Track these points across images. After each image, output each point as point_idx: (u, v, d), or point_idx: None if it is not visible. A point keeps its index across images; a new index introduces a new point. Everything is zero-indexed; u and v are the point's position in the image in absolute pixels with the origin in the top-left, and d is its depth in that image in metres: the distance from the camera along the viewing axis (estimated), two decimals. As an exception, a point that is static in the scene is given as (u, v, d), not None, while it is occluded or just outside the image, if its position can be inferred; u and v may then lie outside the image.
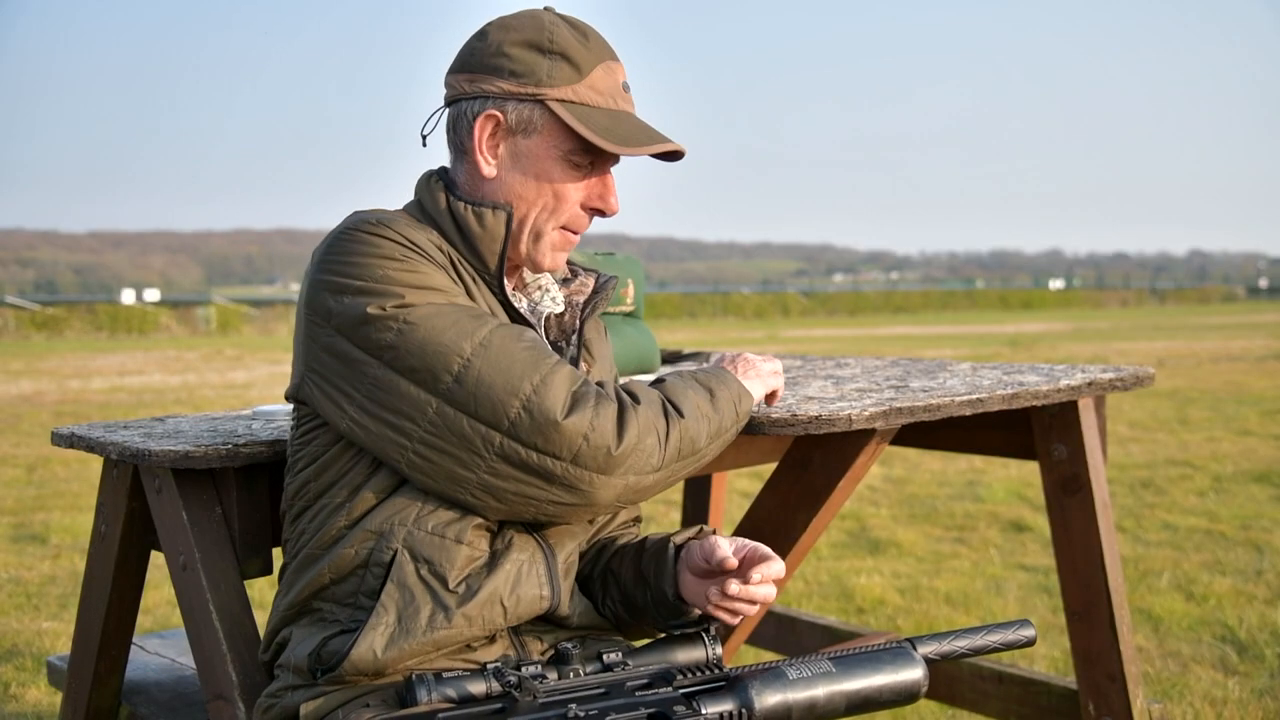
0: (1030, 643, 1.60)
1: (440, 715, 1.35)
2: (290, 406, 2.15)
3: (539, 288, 1.69)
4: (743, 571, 1.48)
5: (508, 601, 1.50)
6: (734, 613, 1.51)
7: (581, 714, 1.34)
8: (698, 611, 1.57)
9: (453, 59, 1.61)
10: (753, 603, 1.48)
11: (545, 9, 1.59)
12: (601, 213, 1.62)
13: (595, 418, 1.44)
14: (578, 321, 1.69)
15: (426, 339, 1.44)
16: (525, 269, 1.68)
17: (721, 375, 1.63)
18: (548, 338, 1.67)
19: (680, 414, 1.52)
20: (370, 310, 1.45)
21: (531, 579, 1.52)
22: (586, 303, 1.70)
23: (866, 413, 1.89)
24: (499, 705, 1.37)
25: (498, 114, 1.54)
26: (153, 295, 60.37)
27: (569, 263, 1.76)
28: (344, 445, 1.53)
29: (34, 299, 49.34)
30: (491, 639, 1.53)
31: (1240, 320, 33.58)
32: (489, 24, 1.58)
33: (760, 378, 1.70)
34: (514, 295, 1.64)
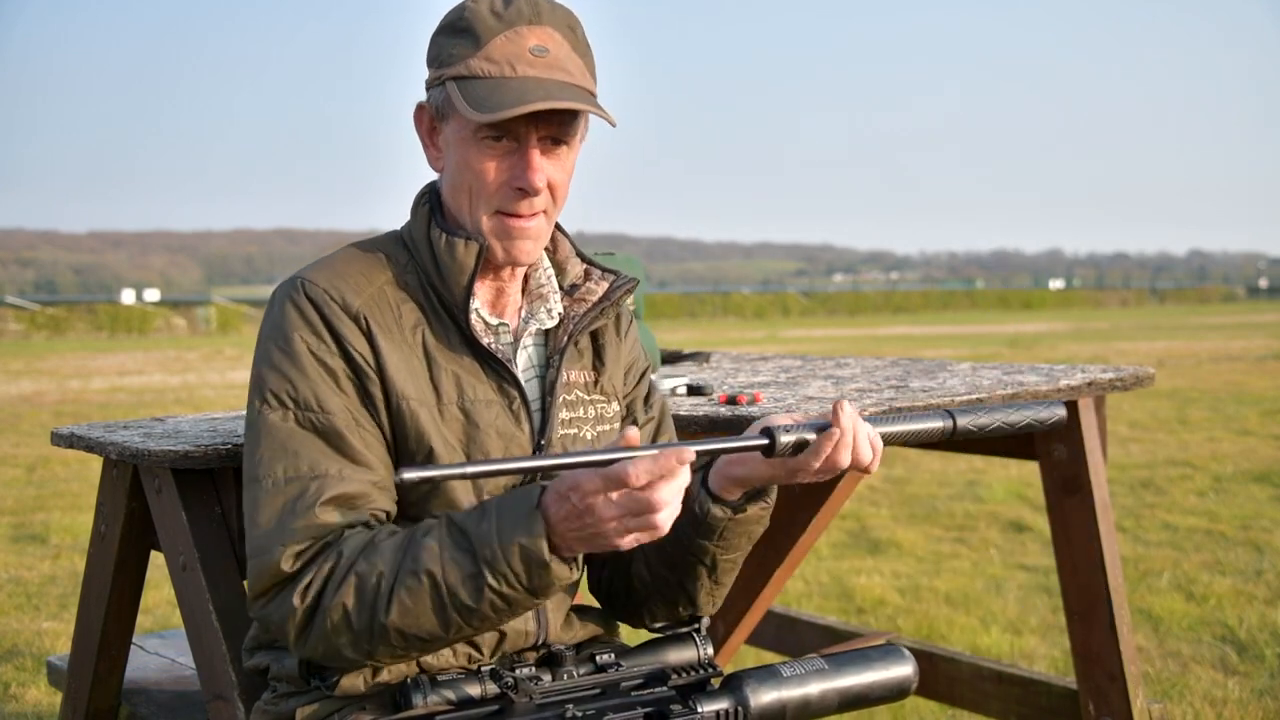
0: (1062, 422, 1.56)
1: (437, 718, 1.35)
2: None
3: (539, 297, 1.56)
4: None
5: (490, 636, 1.47)
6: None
7: (579, 714, 1.34)
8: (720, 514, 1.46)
9: None
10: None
11: None
12: (525, 191, 1.44)
13: (282, 609, 1.36)
14: (565, 338, 1.54)
15: (258, 444, 1.41)
16: (529, 275, 1.57)
17: (507, 548, 1.28)
18: (544, 353, 1.56)
19: (387, 610, 1.31)
20: (266, 384, 1.42)
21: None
22: (586, 313, 1.56)
23: (866, 413, 1.89)
24: (495, 707, 1.36)
25: (425, 105, 1.49)
26: (153, 295, 60.32)
27: (589, 263, 1.61)
28: None
29: (34, 299, 49.34)
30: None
31: (1240, 320, 33.60)
32: None
33: (603, 531, 1.26)
34: (492, 323, 1.53)
